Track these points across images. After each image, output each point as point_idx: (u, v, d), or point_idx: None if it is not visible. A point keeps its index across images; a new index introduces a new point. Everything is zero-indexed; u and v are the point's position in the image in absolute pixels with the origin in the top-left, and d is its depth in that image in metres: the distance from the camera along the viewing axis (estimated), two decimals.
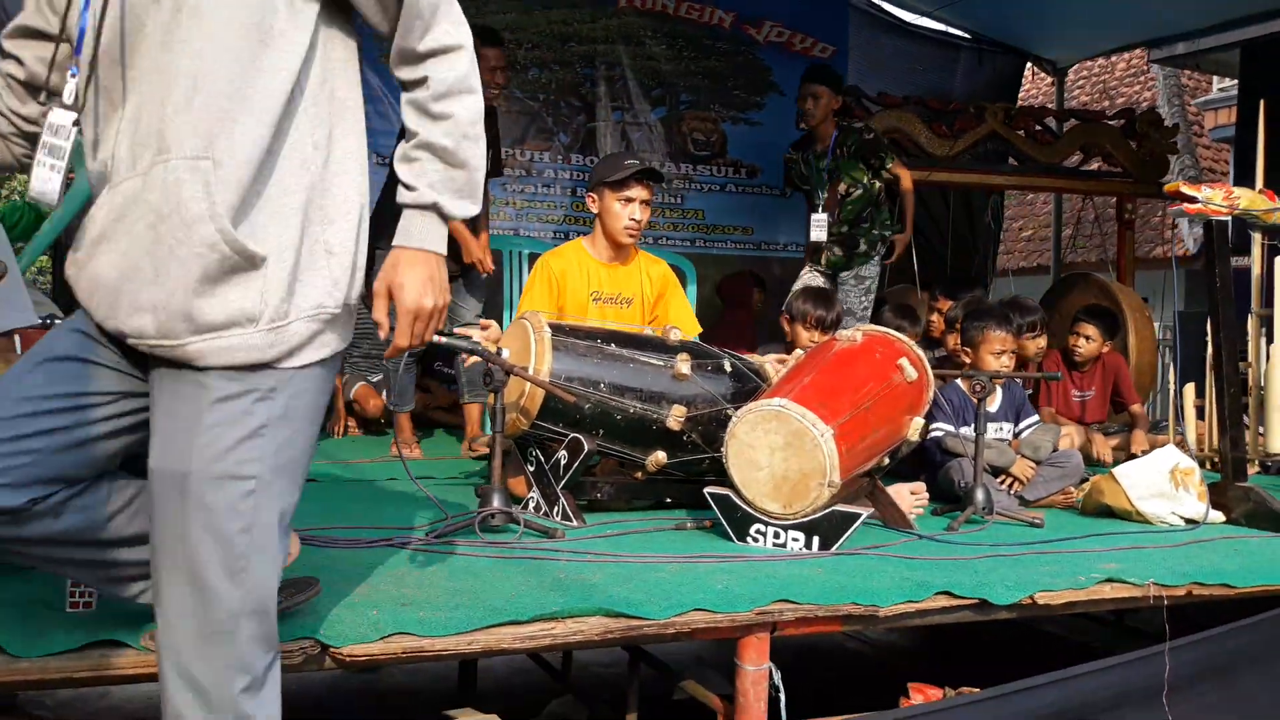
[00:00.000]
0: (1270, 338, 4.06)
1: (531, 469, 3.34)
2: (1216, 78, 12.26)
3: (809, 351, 3.42)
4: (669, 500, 3.49)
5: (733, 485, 3.00)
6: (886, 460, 3.38)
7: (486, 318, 3.97)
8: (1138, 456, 4.08)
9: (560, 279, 3.78)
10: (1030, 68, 8.54)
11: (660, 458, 3.36)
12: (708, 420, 3.34)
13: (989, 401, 4.00)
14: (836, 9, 7.47)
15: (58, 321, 3.42)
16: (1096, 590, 2.67)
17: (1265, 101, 4.57)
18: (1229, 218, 3.64)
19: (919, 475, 3.95)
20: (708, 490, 3.06)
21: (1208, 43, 7.36)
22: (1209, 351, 3.97)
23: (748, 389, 3.44)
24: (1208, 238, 3.68)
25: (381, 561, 2.59)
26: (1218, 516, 3.60)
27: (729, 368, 3.49)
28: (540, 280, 3.77)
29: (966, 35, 7.94)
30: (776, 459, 2.91)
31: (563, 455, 3.22)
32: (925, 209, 7.48)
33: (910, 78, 7.62)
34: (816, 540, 2.91)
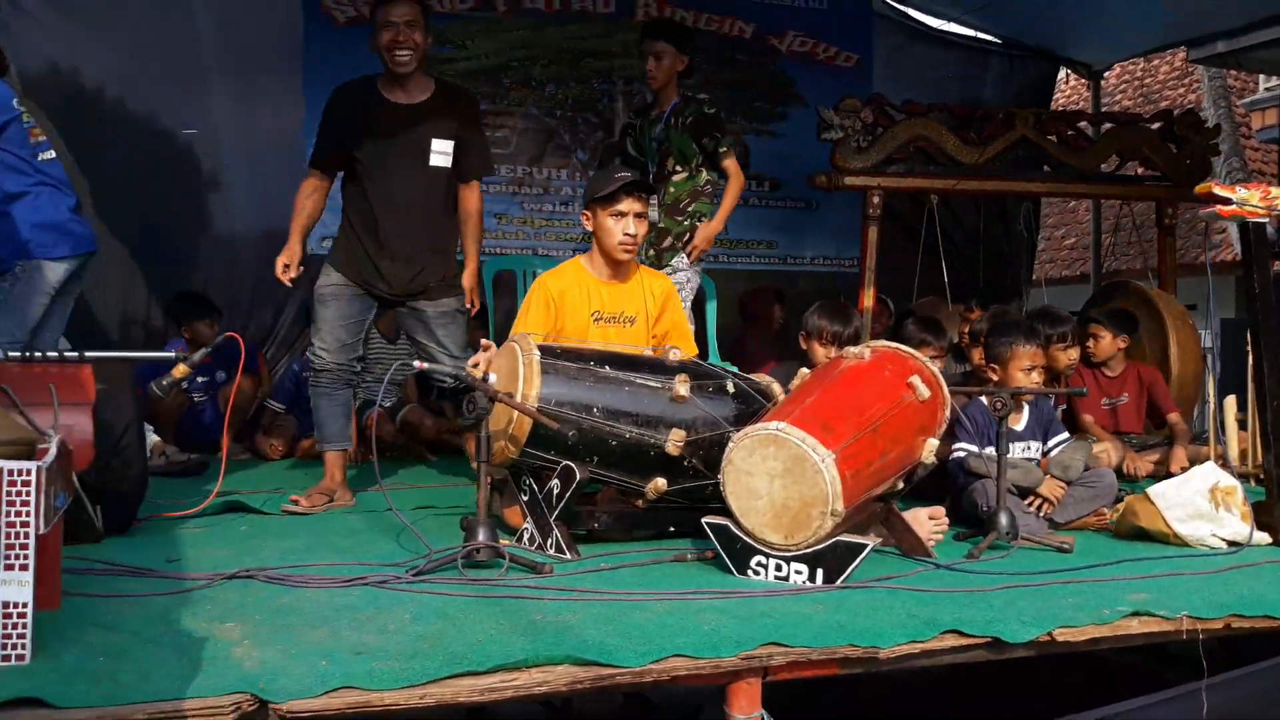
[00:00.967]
0: None
1: (525, 499, 3.19)
2: (1264, 77, 11.88)
3: (815, 371, 3.24)
4: (672, 529, 3.31)
5: (731, 515, 2.82)
6: (901, 484, 3.19)
7: (499, 342, 3.73)
8: (1174, 474, 3.84)
9: (559, 299, 3.63)
10: (1065, 72, 8.28)
11: (660, 484, 3.18)
12: (709, 444, 3.17)
13: (1015, 419, 3.79)
14: (861, 17, 7.29)
15: (69, 354, 3.34)
16: (1123, 625, 2.45)
17: None
18: (1267, 220, 3.40)
19: (943, 498, 3.75)
20: (705, 521, 2.88)
21: (1249, 40, 7.05)
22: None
23: (752, 410, 3.26)
24: (1244, 241, 3.44)
25: (350, 603, 2.44)
26: (1263, 538, 3.35)
27: (732, 388, 3.32)
28: (537, 301, 3.62)
29: (997, 40, 7.72)
30: (776, 486, 2.73)
31: (555, 484, 3.06)
32: (955, 218, 7.25)
33: (939, 86, 7.38)
34: (821, 573, 2.72)
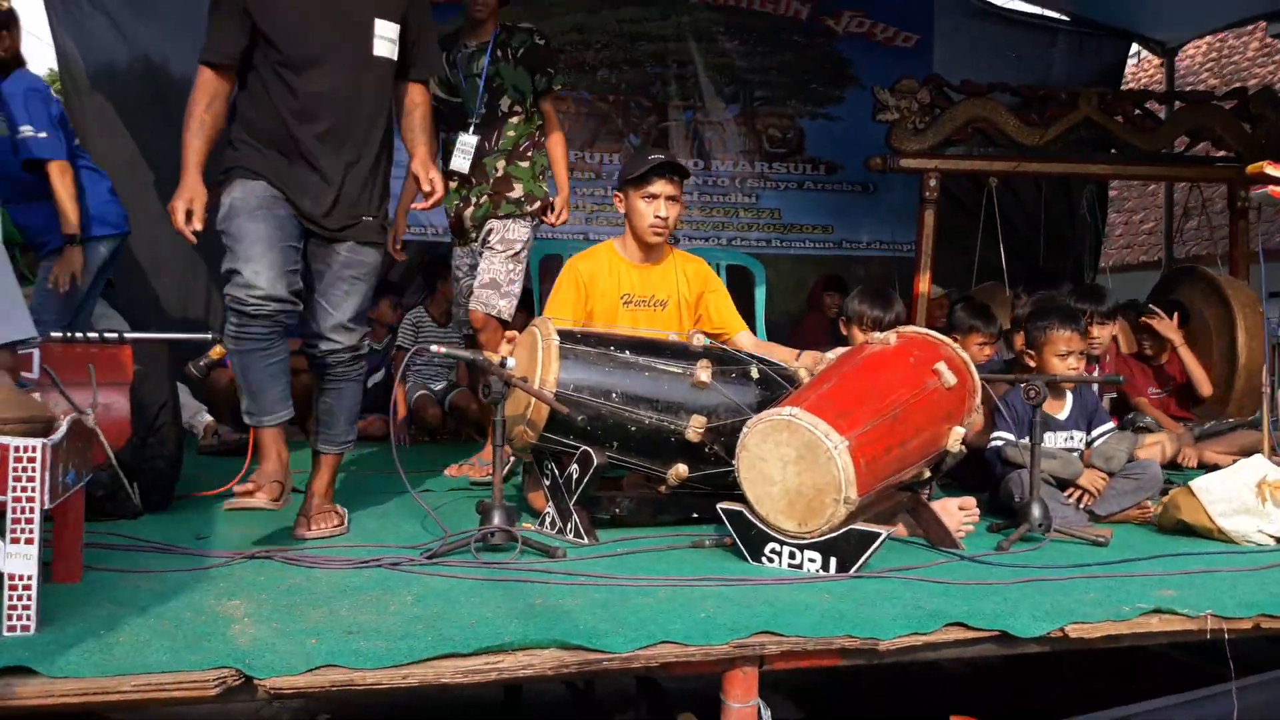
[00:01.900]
0: None
1: (547, 483, 3.19)
2: None
3: (840, 357, 3.18)
4: (695, 516, 3.28)
5: (746, 501, 2.79)
6: (927, 473, 3.12)
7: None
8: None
9: (589, 282, 3.61)
10: (1140, 52, 8.00)
11: (681, 471, 3.16)
12: (730, 431, 3.13)
13: (1056, 408, 3.69)
14: None
15: (109, 334, 3.45)
16: (1142, 623, 2.36)
17: None
18: None
19: (984, 488, 3.66)
20: (721, 506, 2.86)
21: None
22: None
23: (775, 397, 3.21)
24: None
25: (358, 584, 2.47)
26: None
27: (756, 374, 3.27)
28: (567, 284, 3.61)
29: (1065, 18, 7.49)
30: (789, 473, 2.69)
31: (574, 469, 3.06)
32: (1017, 200, 7.07)
33: (1003, 66, 7.21)
34: (834, 562, 2.67)
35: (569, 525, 3.07)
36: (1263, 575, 2.77)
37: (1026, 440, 3.54)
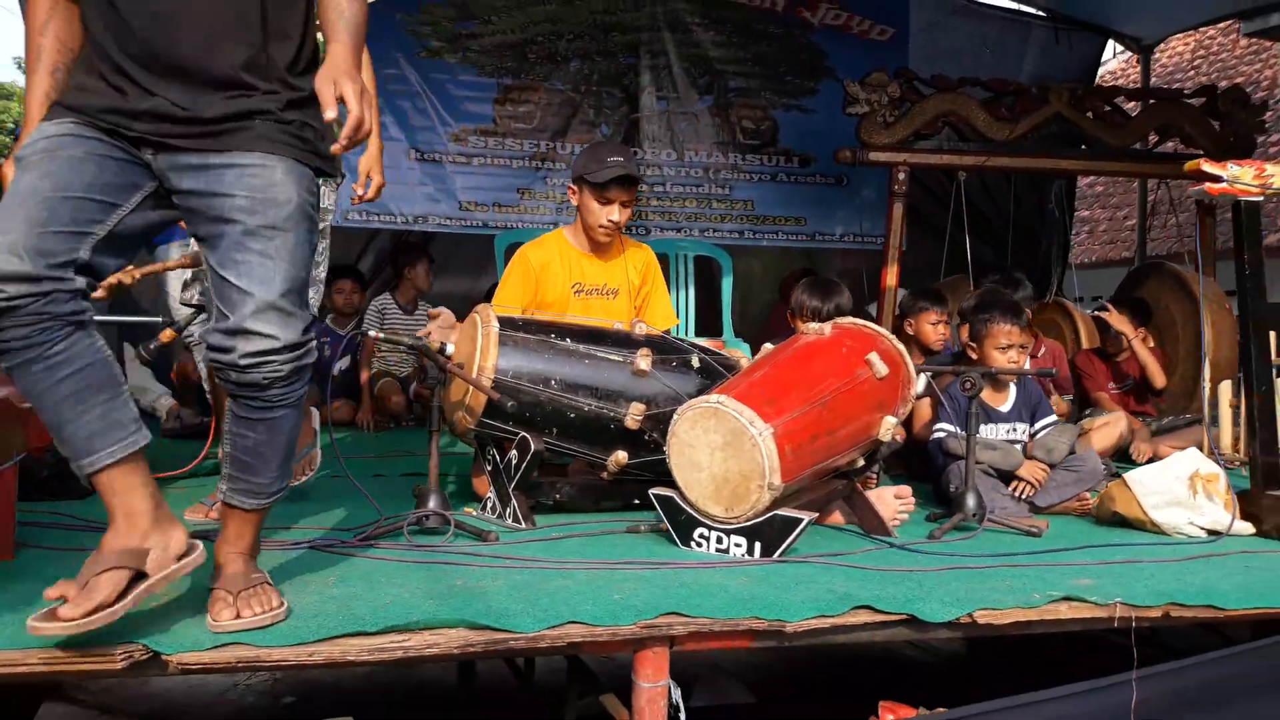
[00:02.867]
0: None
1: (489, 469, 3.23)
2: None
3: (776, 347, 3.22)
4: (637, 501, 3.31)
5: (676, 487, 2.83)
6: (861, 461, 3.16)
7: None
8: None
9: (540, 271, 3.65)
10: (1122, 50, 8.03)
11: (621, 458, 3.20)
12: (668, 419, 3.15)
13: (999, 400, 3.73)
14: None
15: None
16: (1051, 610, 2.40)
17: None
18: (1260, 198, 3.29)
19: (930, 479, 3.71)
20: (652, 492, 2.90)
21: None
22: None
23: (716, 385, 3.25)
24: (1236, 221, 3.33)
25: (285, 566, 2.51)
26: (1245, 528, 3.26)
27: (697, 363, 3.31)
28: (517, 272, 3.65)
29: (1041, 13, 7.52)
30: (717, 459, 2.73)
31: (513, 455, 3.10)
32: (988, 194, 7.11)
33: (978, 61, 7.25)
34: (759, 546, 2.72)
35: (508, 510, 3.12)
36: (1181, 566, 2.81)
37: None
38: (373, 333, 3.01)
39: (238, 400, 2.03)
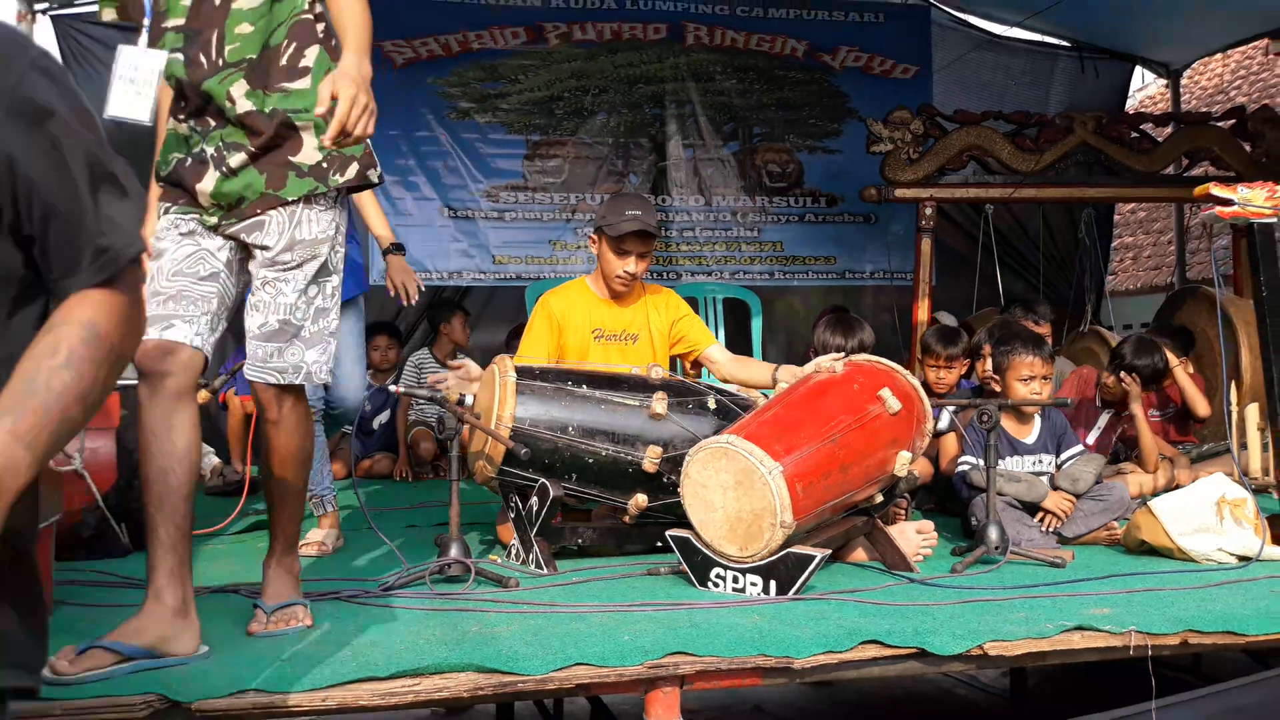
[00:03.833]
0: None
1: (513, 516, 3.29)
2: None
3: (788, 385, 3.25)
4: (660, 544, 3.34)
5: (691, 527, 2.87)
6: (880, 497, 3.17)
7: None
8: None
9: (561, 318, 3.73)
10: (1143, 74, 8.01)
11: (641, 501, 3.25)
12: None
13: (1024, 432, 3.72)
14: (919, 27, 7.24)
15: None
16: (1063, 640, 2.39)
17: None
18: (1275, 219, 3.28)
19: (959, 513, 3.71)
20: (669, 534, 2.94)
21: None
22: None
23: None
24: (1250, 243, 3.32)
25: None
26: (1276, 553, 3.21)
27: (713, 405, 3.36)
28: (540, 319, 3.73)
29: (1066, 43, 7.53)
30: (729, 499, 2.77)
31: (534, 501, 3.16)
32: (1019, 225, 7.10)
33: (1003, 94, 7.28)
34: (774, 584, 2.74)
35: (530, 556, 3.17)
36: (1204, 593, 2.78)
37: (1002, 464, 3.58)
38: (393, 387, 3.10)
39: None
